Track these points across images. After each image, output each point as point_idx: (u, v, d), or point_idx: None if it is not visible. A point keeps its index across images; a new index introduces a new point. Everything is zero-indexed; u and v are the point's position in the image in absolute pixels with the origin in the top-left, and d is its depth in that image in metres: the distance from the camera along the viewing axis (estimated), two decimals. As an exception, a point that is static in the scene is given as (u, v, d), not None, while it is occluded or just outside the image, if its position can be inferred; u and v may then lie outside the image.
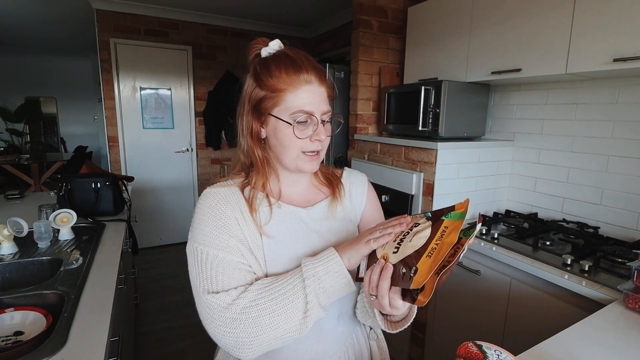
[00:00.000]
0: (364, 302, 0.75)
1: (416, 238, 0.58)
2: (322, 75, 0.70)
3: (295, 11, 3.56)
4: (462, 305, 1.64)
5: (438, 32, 2.02)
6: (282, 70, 0.67)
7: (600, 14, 1.32)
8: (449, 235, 0.56)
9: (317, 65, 0.71)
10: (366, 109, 2.42)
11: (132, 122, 3.60)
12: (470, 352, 0.61)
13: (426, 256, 0.55)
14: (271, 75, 0.67)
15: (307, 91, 0.68)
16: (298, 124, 0.68)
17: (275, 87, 0.67)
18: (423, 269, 0.54)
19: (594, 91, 1.63)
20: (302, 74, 0.67)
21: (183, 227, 3.98)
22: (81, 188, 1.77)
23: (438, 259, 0.54)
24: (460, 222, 0.58)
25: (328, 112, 0.71)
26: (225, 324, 0.63)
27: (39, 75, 6.52)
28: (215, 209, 0.70)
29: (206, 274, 0.66)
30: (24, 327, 0.92)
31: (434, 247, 0.56)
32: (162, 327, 2.43)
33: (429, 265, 0.54)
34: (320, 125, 0.69)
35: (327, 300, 0.64)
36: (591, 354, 0.83)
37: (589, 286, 1.16)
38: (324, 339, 0.75)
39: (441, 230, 0.58)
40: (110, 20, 3.35)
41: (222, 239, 0.67)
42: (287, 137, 0.69)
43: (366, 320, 0.77)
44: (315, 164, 0.73)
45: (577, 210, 1.72)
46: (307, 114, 0.68)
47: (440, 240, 0.56)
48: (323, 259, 0.64)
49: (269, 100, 0.69)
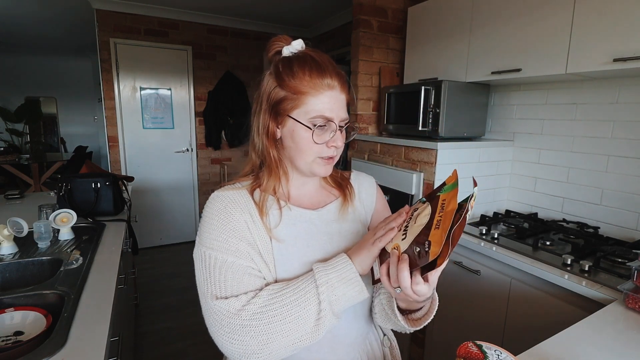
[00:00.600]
0: (383, 306, 0.74)
1: (419, 218, 0.59)
2: (344, 81, 0.70)
3: (295, 11, 3.56)
4: (462, 305, 1.64)
5: (438, 32, 2.02)
6: (305, 73, 0.66)
7: (600, 14, 1.32)
8: (449, 205, 0.56)
9: (340, 71, 0.69)
10: (366, 109, 2.43)
11: (132, 122, 3.60)
12: (470, 352, 0.61)
13: (434, 229, 0.55)
14: (294, 76, 0.66)
15: (329, 97, 0.67)
16: (317, 129, 0.67)
17: (297, 89, 0.66)
18: (435, 239, 0.54)
19: (594, 91, 1.63)
20: (325, 78, 0.66)
21: (183, 227, 3.98)
22: (81, 188, 1.77)
23: (446, 226, 0.54)
24: (454, 190, 0.58)
25: (346, 119, 0.70)
26: (234, 330, 0.60)
27: (39, 75, 6.52)
28: (224, 212, 0.68)
29: (214, 278, 0.64)
30: (24, 327, 0.92)
31: (438, 220, 0.56)
32: (162, 327, 2.43)
33: (440, 234, 0.54)
34: (338, 131, 0.69)
35: (339, 307, 0.63)
36: (591, 354, 0.83)
37: (589, 286, 1.16)
38: (336, 346, 0.73)
39: (440, 204, 0.58)
40: (110, 20, 3.35)
41: (231, 243, 0.66)
42: (304, 140, 0.68)
43: (387, 323, 0.76)
44: (330, 169, 0.72)
45: (577, 210, 1.72)
46: (327, 120, 0.67)
47: (442, 212, 0.56)
48: (336, 265, 0.63)
49: (289, 102, 0.67)
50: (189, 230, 4.01)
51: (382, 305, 0.74)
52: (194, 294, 0.68)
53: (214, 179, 4.08)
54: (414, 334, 1.93)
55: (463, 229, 0.54)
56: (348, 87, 0.71)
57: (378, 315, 0.76)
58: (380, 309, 0.75)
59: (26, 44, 5.30)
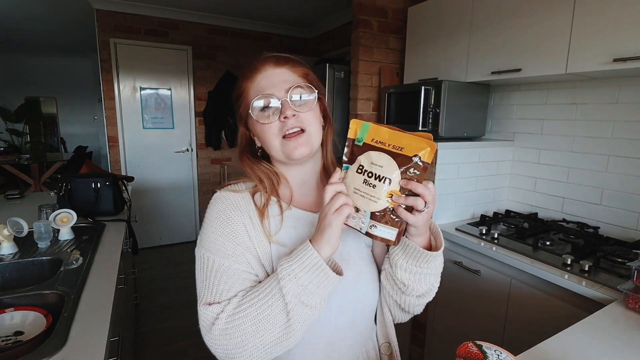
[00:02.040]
0: (399, 259, 0.67)
1: (379, 163, 0.59)
2: (280, 59, 0.70)
3: (295, 11, 3.56)
4: (462, 305, 1.64)
5: (438, 32, 2.02)
6: (241, 76, 0.71)
7: (600, 14, 1.32)
8: (380, 135, 0.60)
9: (280, 55, 0.71)
10: (366, 109, 2.42)
11: (132, 122, 3.60)
12: (470, 352, 0.61)
13: (400, 150, 0.58)
14: (238, 86, 0.72)
15: (263, 78, 0.68)
16: (260, 112, 0.67)
17: (239, 92, 0.71)
18: (413, 149, 0.57)
19: (594, 91, 1.63)
20: (257, 69, 0.69)
21: (183, 227, 3.98)
22: (81, 188, 1.77)
23: (403, 139, 0.58)
24: (370, 128, 0.61)
25: (294, 87, 0.67)
26: (216, 336, 0.60)
27: (39, 75, 6.52)
28: (223, 214, 0.68)
29: (209, 282, 0.64)
30: (24, 327, 0.92)
31: (392, 146, 0.59)
32: (162, 327, 2.43)
33: (409, 145, 0.58)
34: (286, 102, 0.66)
35: (310, 297, 0.59)
36: (591, 354, 0.83)
37: (589, 286, 1.16)
38: (332, 353, 0.72)
39: (374, 145, 0.60)
40: (110, 20, 3.35)
41: (228, 247, 0.66)
42: (258, 127, 0.69)
43: (413, 279, 0.68)
44: (304, 147, 0.67)
45: (577, 210, 1.72)
46: (265, 97, 0.67)
47: (385, 142, 0.60)
48: (298, 254, 0.60)
49: (240, 105, 0.72)
50: (189, 230, 4.01)
51: (409, 271, 0.67)
52: (193, 293, 0.69)
53: (214, 179, 4.08)
54: (414, 334, 1.93)
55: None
56: (294, 61, 0.71)
57: (409, 282, 0.68)
58: (408, 275, 0.68)
59: (26, 44, 5.30)
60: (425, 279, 0.69)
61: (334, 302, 0.70)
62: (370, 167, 0.59)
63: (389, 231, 0.60)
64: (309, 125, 0.68)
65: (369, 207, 0.59)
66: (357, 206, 0.61)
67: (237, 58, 3.99)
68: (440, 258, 0.69)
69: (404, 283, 0.69)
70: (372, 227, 0.60)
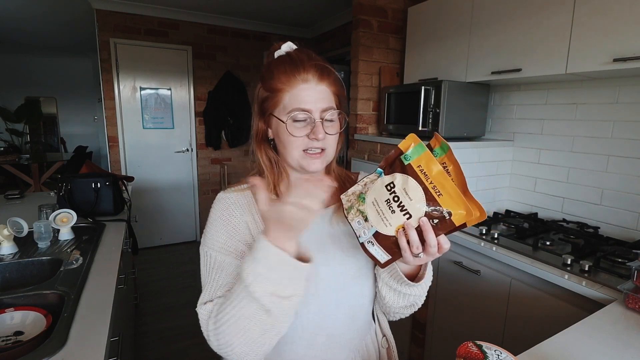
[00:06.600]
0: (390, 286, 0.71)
1: (410, 195, 0.56)
2: (324, 72, 0.69)
3: (295, 11, 3.56)
4: (462, 305, 1.64)
5: (438, 32, 2.02)
6: (280, 71, 0.68)
7: (600, 14, 1.32)
8: (430, 168, 0.56)
9: (321, 63, 0.69)
10: (366, 109, 2.42)
11: (132, 122, 3.60)
12: (470, 352, 0.61)
13: (437, 196, 0.55)
14: (272, 77, 0.69)
15: (305, 89, 0.67)
16: (294, 122, 0.67)
17: (274, 87, 0.69)
18: (449, 204, 0.55)
19: (594, 91, 1.63)
20: (300, 73, 0.67)
21: (183, 227, 3.98)
22: (81, 188, 1.77)
23: (447, 187, 0.54)
24: (424, 153, 0.57)
25: (329, 109, 0.69)
26: (209, 334, 0.61)
27: (39, 75, 6.51)
28: (225, 212, 0.70)
29: (211, 277, 0.66)
30: (24, 327, 0.92)
31: (433, 187, 0.56)
32: (162, 327, 2.43)
33: (450, 197, 0.54)
34: (319, 123, 0.67)
35: (286, 289, 0.56)
36: (591, 354, 0.83)
37: (589, 286, 1.16)
38: (332, 345, 0.73)
39: (418, 172, 0.57)
40: (110, 20, 3.35)
41: (229, 244, 0.67)
42: (285, 135, 0.69)
43: (399, 299, 0.72)
44: (319, 163, 0.70)
45: (577, 210, 1.72)
46: (303, 112, 0.67)
47: (429, 178, 0.56)
48: (257, 254, 0.56)
49: (270, 101, 0.70)
50: (189, 230, 4.01)
51: (389, 286, 0.72)
52: (193, 293, 0.69)
53: (214, 179, 4.08)
54: (414, 334, 1.93)
55: (465, 181, 0.55)
56: (334, 77, 0.71)
57: (388, 297, 0.73)
58: (388, 290, 0.72)
59: (26, 44, 5.30)
60: (405, 298, 0.72)
61: (335, 296, 0.72)
62: (401, 193, 0.57)
63: (383, 255, 0.60)
64: (330, 146, 0.71)
65: (378, 226, 0.59)
66: (368, 216, 0.60)
67: (237, 58, 3.99)
68: (425, 286, 0.71)
69: (383, 296, 0.74)
70: (369, 242, 0.61)
